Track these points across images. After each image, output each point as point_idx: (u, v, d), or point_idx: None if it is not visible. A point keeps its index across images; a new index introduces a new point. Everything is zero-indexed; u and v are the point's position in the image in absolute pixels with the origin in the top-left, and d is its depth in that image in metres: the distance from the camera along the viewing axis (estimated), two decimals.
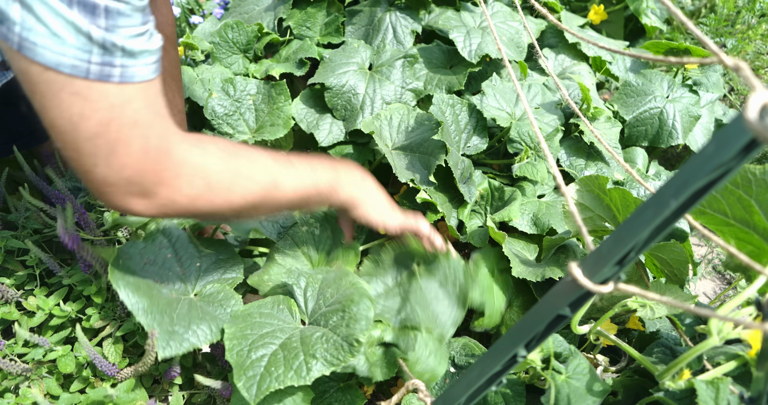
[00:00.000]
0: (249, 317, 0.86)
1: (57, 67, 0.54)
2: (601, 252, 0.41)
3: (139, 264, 0.89)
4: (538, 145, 1.23)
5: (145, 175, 0.63)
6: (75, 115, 0.57)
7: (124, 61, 0.57)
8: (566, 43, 1.59)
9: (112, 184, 0.62)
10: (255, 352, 0.80)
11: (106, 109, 0.58)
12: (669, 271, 0.98)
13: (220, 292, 0.91)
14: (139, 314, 0.78)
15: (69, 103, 0.56)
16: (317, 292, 0.91)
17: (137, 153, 0.61)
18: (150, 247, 0.92)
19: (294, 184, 0.78)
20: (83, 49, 0.54)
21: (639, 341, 1.04)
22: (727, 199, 0.74)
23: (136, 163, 0.62)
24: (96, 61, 0.55)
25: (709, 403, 0.69)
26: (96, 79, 0.56)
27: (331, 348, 0.78)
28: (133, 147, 0.61)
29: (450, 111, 1.23)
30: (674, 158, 1.91)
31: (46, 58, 0.53)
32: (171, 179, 0.65)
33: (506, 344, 0.51)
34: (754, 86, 0.31)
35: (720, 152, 0.34)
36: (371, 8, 1.48)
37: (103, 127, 0.58)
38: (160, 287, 0.87)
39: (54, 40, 0.52)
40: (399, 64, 1.31)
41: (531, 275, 1.01)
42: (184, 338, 0.80)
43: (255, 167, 0.75)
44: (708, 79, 1.61)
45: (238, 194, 0.72)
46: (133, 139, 0.61)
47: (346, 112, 1.30)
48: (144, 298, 0.80)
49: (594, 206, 0.98)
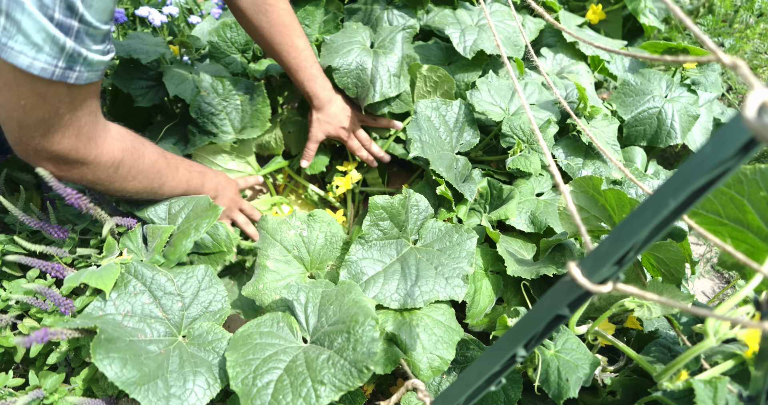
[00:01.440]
0: (249, 339, 0.83)
1: (28, 69, 0.66)
2: (599, 252, 0.41)
3: (116, 321, 0.84)
4: (531, 139, 1.23)
5: (70, 153, 0.81)
6: (29, 106, 0.71)
7: (82, 67, 0.70)
8: (564, 43, 1.59)
9: (40, 153, 0.80)
10: (260, 379, 0.78)
11: (56, 104, 0.72)
12: (666, 270, 0.98)
13: (209, 333, 0.87)
14: (131, 391, 0.75)
15: (27, 96, 0.70)
16: (318, 308, 0.89)
17: (71, 137, 0.79)
18: (124, 295, 0.87)
19: (171, 188, 1.04)
20: (55, 56, 0.66)
21: (637, 341, 1.04)
22: (719, 199, 0.74)
23: (69, 144, 0.80)
24: (61, 66, 0.68)
25: (707, 402, 0.69)
26: (57, 79, 0.69)
27: (338, 373, 0.76)
28: (69, 132, 0.79)
29: (435, 114, 1.23)
30: (673, 158, 1.91)
31: (19, 61, 0.64)
32: (90, 161, 0.85)
33: (505, 344, 0.51)
34: (752, 84, 0.30)
35: (718, 151, 0.34)
36: (369, 6, 1.48)
37: (50, 116, 0.74)
38: (145, 344, 0.83)
39: (32, 48, 0.64)
40: (399, 37, 1.34)
41: (526, 273, 1.01)
42: (182, 401, 0.78)
43: (150, 171, 0.97)
44: (706, 79, 1.61)
45: (131, 187, 0.95)
46: (70, 127, 0.78)
47: (358, 88, 1.32)
48: (133, 369, 0.77)
49: (589, 207, 0.98)
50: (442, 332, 0.93)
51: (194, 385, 0.80)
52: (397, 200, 1.02)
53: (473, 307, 1.04)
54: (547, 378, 0.88)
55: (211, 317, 0.90)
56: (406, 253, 1.02)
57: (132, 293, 0.88)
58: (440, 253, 1.01)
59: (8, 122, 0.76)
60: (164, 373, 0.79)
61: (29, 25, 0.61)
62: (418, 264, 1.00)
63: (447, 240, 1.02)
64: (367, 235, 1.01)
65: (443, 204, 1.17)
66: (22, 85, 0.69)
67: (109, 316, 0.85)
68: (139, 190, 0.98)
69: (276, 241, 1.01)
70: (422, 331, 0.92)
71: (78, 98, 0.75)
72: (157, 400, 0.76)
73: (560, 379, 0.87)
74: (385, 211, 1.01)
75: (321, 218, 1.04)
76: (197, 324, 0.89)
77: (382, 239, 1.02)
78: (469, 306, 1.04)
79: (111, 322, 0.84)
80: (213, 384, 0.81)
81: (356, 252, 1.00)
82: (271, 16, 1.16)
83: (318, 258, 1.06)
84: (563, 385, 0.86)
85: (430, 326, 0.93)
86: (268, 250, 1.02)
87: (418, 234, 1.05)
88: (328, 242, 1.05)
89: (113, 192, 0.95)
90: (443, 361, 0.91)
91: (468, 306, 1.04)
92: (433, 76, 1.30)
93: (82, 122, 0.79)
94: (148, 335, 0.85)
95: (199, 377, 0.81)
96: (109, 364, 0.76)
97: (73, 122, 0.78)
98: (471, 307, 1.04)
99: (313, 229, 1.03)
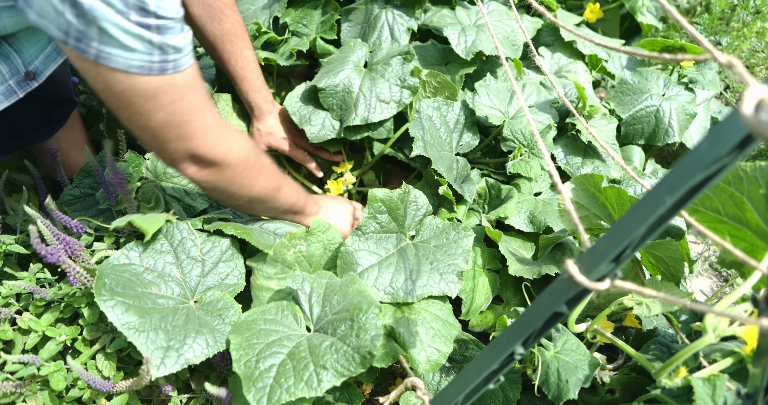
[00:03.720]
0: (253, 324, 0.84)
1: (128, 69, 0.70)
2: (597, 249, 0.41)
3: (137, 272, 0.86)
4: (531, 143, 1.23)
5: (205, 150, 0.82)
6: (146, 110, 0.75)
7: (175, 56, 0.73)
8: (562, 42, 1.59)
9: (178, 156, 0.82)
10: (263, 362, 0.78)
11: (170, 100, 0.75)
12: (665, 268, 0.98)
13: (219, 301, 0.89)
14: (130, 334, 0.76)
15: (142, 102, 0.74)
16: (322, 298, 0.89)
17: (200, 131, 0.81)
18: (151, 250, 0.90)
19: (289, 195, 1.02)
20: (147, 52, 0.70)
21: (636, 339, 1.05)
22: (719, 196, 0.74)
23: (200, 139, 0.81)
24: (157, 59, 0.71)
25: (706, 399, 0.69)
26: (157, 73, 0.72)
27: (341, 359, 0.77)
28: (196, 125, 0.80)
29: (437, 114, 1.22)
30: (671, 156, 1.91)
31: (119, 63, 0.69)
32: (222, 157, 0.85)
33: (503, 342, 0.51)
34: (747, 82, 0.31)
35: (715, 148, 0.34)
36: (367, 6, 1.47)
37: (169, 117, 0.77)
38: (156, 297, 0.85)
39: (124, 50, 0.68)
40: (395, 62, 1.27)
41: (527, 273, 1.01)
42: (179, 354, 0.78)
43: (271, 169, 0.97)
44: (704, 77, 1.61)
45: (259, 184, 0.94)
46: (194, 120, 0.79)
47: (342, 110, 1.28)
48: (134, 315, 0.78)
49: (589, 205, 0.98)
50: (440, 326, 0.94)
51: (194, 343, 0.81)
52: (396, 195, 1.03)
53: (470, 304, 1.05)
54: (546, 379, 0.88)
55: (225, 289, 0.92)
56: (403, 248, 1.02)
57: (158, 250, 0.91)
58: (437, 249, 1.01)
59: (141, 134, 0.79)
60: (167, 325, 0.81)
61: (116, 31, 0.66)
62: (414, 259, 1.00)
63: (444, 237, 1.03)
64: (364, 227, 1.01)
65: (444, 204, 1.17)
66: (134, 91, 0.72)
67: (132, 266, 0.88)
68: (263, 195, 0.96)
69: (277, 262, 1.00)
70: (420, 326, 0.92)
71: (187, 88, 0.77)
72: (155, 349, 0.78)
73: (560, 381, 0.87)
74: (383, 204, 1.02)
75: (317, 229, 1.04)
76: (210, 292, 0.90)
77: (379, 232, 1.02)
78: (466, 302, 1.05)
79: (131, 271, 0.86)
80: (212, 345, 0.82)
81: (352, 243, 1.00)
82: (224, 25, 1.20)
83: (319, 267, 1.06)
84: (563, 387, 0.86)
85: (428, 321, 0.93)
86: (269, 271, 1.00)
87: (415, 230, 1.05)
88: (326, 250, 1.05)
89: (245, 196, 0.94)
90: (441, 355, 0.91)
91: (464, 302, 1.04)
92: (433, 81, 1.29)
93: (205, 113, 0.81)
94: (162, 291, 0.87)
95: (200, 336, 0.82)
96: (112, 306, 0.78)
97: (195, 116, 0.79)
98: (468, 303, 1.05)
99: (311, 242, 1.03)
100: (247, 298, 0.99)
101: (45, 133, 1.19)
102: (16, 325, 0.90)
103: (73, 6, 0.63)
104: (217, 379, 0.97)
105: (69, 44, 0.67)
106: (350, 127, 1.27)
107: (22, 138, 1.15)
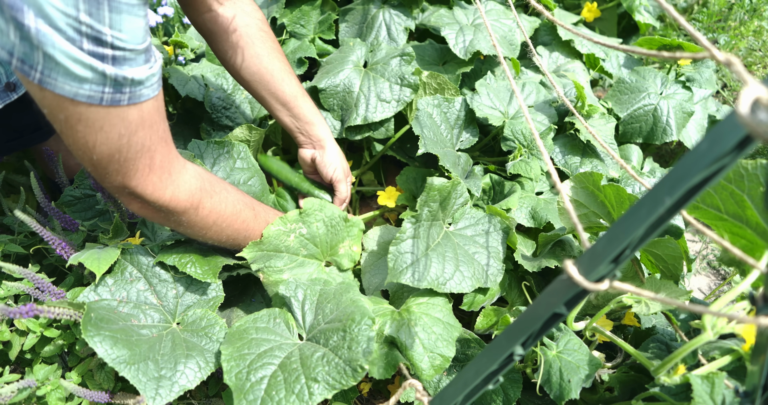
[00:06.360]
0: (245, 334, 0.83)
1: (74, 97, 0.63)
2: (596, 250, 0.41)
3: (111, 306, 0.84)
4: (531, 143, 1.23)
5: (146, 190, 0.77)
6: (91, 141, 0.68)
7: (132, 88, 0.67)
8: (560, 41, 1.59)
9: (121, 191, 0.77)
10: (254, 374, 0.78)
11: (118, 133, 0.69)
12: (664, 266, 0.98)
13: (203, 319, 0.87)
14: (121, 369, 0.76)
15: (89, 132, 0.67)
16: (315, 306, 0.89)
17: (144, 170, 0.74)
18: (120, 282, 0.87)
19: (262, 226, 0.96)
20: (98, 83, 0.64)
21: (635, 337, 1.05)
22: (720, 194, 0.74)
23: (142, 178, 0.75)
24: (108, 91, 0.65)
25: (704, 397, 0.69)
26: (108, 104, 0.66)
27: (332, 371, 0.76)
28: (141, 164, 0.74)
29: (437, 111, 1.23)
30: (668, 155, 1.92)
31: (65, 90, 0.63)
32: (167, 201, 0.79)
33: (503, 342, 0.51)
34: (745, 81, 0.31)
35: (714, 148, 0.34)
36: (364, 6, 1.47)
37: (117, 148, 0.70)
38: (138, 328, 0.83)
39: (72, 78, 0.62)
40: (394, 62, 1.28)
41: (528, 266, 1.03)
42: (173, 382, 0.78)
43: (234, 214, 0.90)
44: (701, 76, 1.61)
45: (218, 231, 0.89)
46: (141, 158, 0.73)
47: (343, 110, 1.29)
48: (123, 348, 0.77)
49: (589, 203, 0.99)
50: (441, 330, 0.93)
51: (185, 368, 0.80)
52: (450, 184, 1.03)
53: (473, 295, 1.05)
54: (548, 379, 0.88)
55: (205, 304, 0.90)
56: (445, 235, 1.04)
57: (128, 280, 0.88)
58: (472, 239, 1.05)
59: (82, 161, 0.73)
60: (155, 355, 0.80)
61: (64, 59, 0.60)
62: (455, 248, 1.03)
63: (480, 227, 1.07)
64: (419, 214, 1.00)
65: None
66: (79, 120, 0.66)
67: (105, 301, 0.85)
68: (222, 239, 0.92)
69: (282, 252, 0.99)
70: (421, 331, 0.92)
71: (140, 124, 0.70)
72: (147, 380, 0.77)
73: (562, 380, 0.87)
74: (439, 193, 1.02)
75: (312, 209, 1.02)
76: (191, 311, 0.88)
77: (429, 220, 1.02)
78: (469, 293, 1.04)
79: (105, 307, 0.84)
80: (204, 367, 0.81)
81: (408, 230, 0.99)
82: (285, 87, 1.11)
83: (327, 245, 1.04)
84: (565, 386, 0.86)
85: (429, 325, 0.93)
86: (277, 264, 0.99)
87: (452, 218, 1.08)
88: (328, 227, 1.04)
89: (196, 238, 0.90)
90: (444, 359, 0.91)
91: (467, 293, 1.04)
92: (433, 82, 1.29)
93: (153, 154, 0.74)
94: (142, 321, 0.86)
95: (190, 360, 0.81)
96: (100, 341, 0.76)
97: (142, 155, 0.73)
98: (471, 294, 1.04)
99: (310, 222, 1.01)
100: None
101: (42, 135, 1.18)
102: (13, 326, 0.90)
103: (17, 28, 0.57)
104: (216, 385, 0.97)
105: (13, 64, 0.61)
106: (351, 127, 1.28)
107: (19, 140, 1.15)
